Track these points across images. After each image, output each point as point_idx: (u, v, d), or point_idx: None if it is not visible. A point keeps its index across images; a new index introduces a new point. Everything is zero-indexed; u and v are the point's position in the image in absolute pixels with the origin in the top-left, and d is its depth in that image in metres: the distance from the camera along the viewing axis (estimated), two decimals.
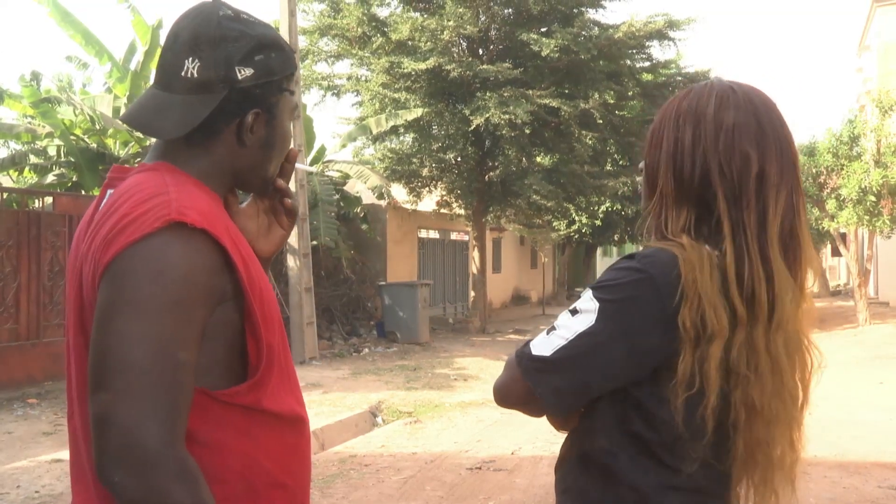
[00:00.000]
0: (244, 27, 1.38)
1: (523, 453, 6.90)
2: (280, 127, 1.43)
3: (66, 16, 13.64)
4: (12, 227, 9.35)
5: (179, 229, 1.23)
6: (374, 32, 16.60)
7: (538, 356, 1.35)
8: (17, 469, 6.09)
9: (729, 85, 1.40)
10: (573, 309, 1.35)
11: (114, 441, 1.16)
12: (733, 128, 1.34)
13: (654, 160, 1.42)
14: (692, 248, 1.30)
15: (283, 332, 1.42)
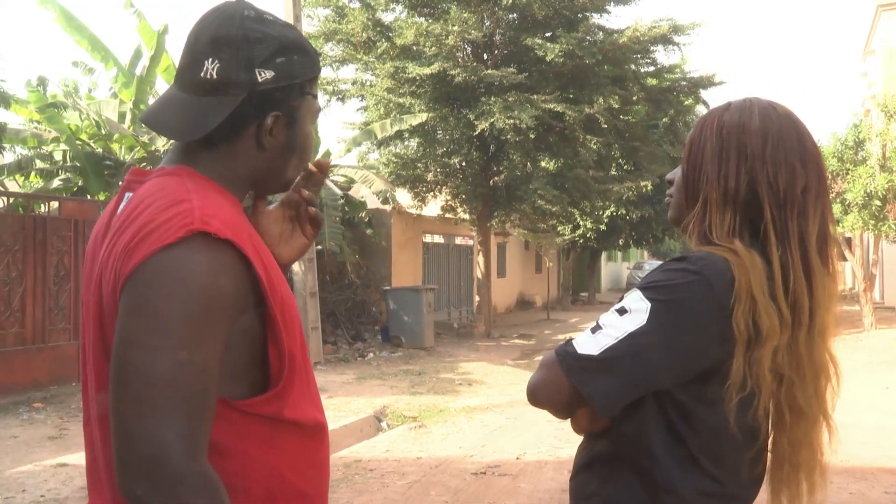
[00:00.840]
0: (267, 28, 1.35)
1: (528, 458, 6.89)
2: (301, 131, 1.40)
3: (72, 21, 13.69)
4: (18, 231, 9.38)
5: (203, 239, 1.21)
6: (378, 37, 16.62)
7: (585, 355, 1.34)
8: (23, 473, 6.10)
9: (768, 102, 1.48)
10: (620, 308, 1.35)
11: (137, 454, 1.14)
12: (779, 141, 1.42)
13: (695, 169, 1.47)
14: (745, 253, 1.36)
15: (304, 339, 1.39)
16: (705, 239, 1.43)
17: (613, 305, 1.38)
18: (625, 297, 1.38)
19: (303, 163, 1.45)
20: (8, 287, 9.21)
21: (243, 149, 1.36)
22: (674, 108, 19.23)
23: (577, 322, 22.34)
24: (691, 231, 1.45)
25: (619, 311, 1.35)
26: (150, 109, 1.40)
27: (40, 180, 14.19)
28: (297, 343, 1.34)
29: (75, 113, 13.84)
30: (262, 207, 1.51)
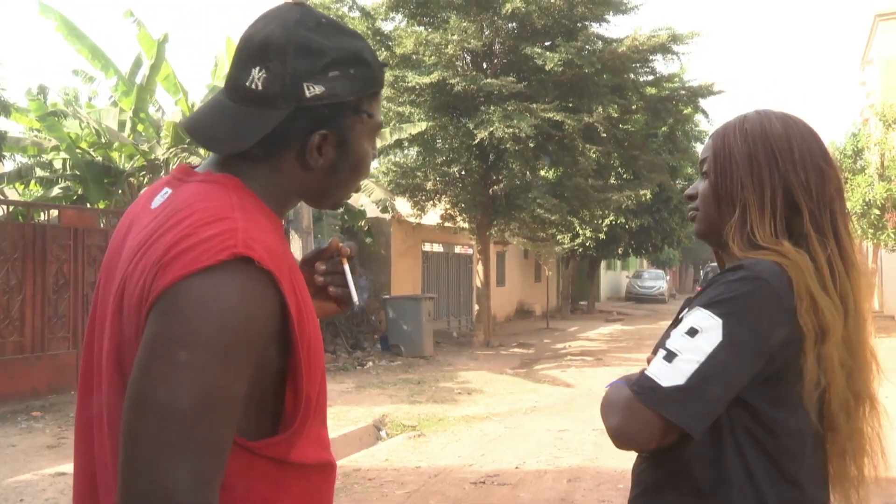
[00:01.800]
0: (323, 38, 1.24)
1: (527, 467, 6.88)
2: (354, 152, 1.29)
3: (72, 30, 13.73)
4: (18, 239, 9.38)
5: (243, 265, 1.11)
6: (378, 46, 16.65)
7: (672, 387, 1.33)
8: (21, 482, 6.09)
9: (781, 112, 1.55)
10: (689, 330, 1.35)
11: (146, 491, 1.05)
12: (803, 145, 1.49)
13: (727, 178, 1.50)
14: (795, 254, 1.41)
15: (324, 380, 1.31)
16: (750, 243, 1.45)
17: (677, 329, 1.38)
18: (687, 317, 1.38)
19: (356, 182, 1.35)
20: (7, 295, 9.20)
21: (289, 167, 1.26)
22: (673, 117, 19.25)
23: (576, 331, 22.32)
24: (732, 237, 1.47)
25: (690, 333, 1.35)
26: (192, 115, 1.31)
27: (40, 188, 14.21)
28: (317, 386, 1.25)
29: (75, 121, 13.87)
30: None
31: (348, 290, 1.40)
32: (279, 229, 1.27)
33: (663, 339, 1.43)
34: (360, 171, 1.33)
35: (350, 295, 1.40)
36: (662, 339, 1.44)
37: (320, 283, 1.41)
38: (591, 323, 25.30)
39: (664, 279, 41.08)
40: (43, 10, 13.51)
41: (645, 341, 18.17)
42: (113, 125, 13.81)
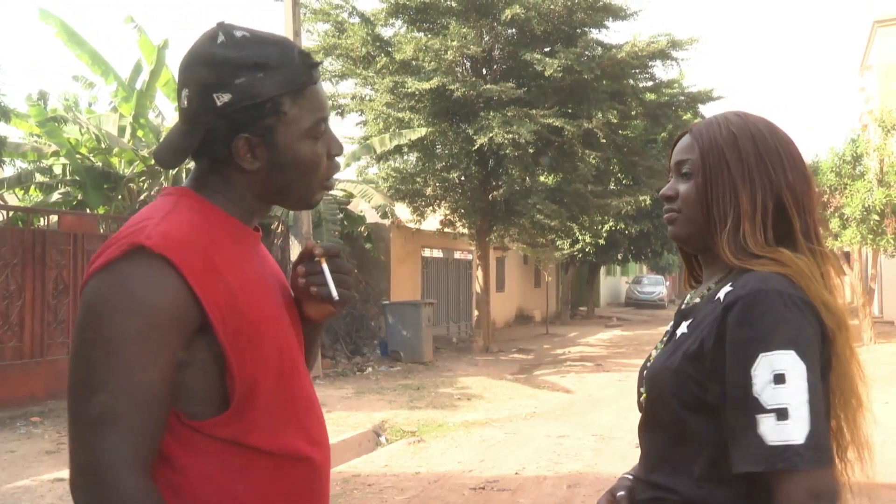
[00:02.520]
0: (231, 51, 1.32)
1: (527, 473, 6.87)
2: (285, 150, 1.35)
3: (72, 36, 13.75)
4: (17, 245, 9.38)
5: (142, 254, 1.23)
6: (378, 52, 16.68)
7: (807, 437, 1.25)
8: (19, 488, 6.08)
9: (760, 116, 1.53)
10: (776, 378, 1.27)
11: (81, 465, 1.21)
12: (789, 151, 1.48)
13: (718, 182, 1.46)
14: (794, 259, 1.39)
15: (292, 366, 1.38)
16: (743, 251, 1.42)
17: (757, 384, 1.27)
18: (760, 368, 1.28)
19: (309, 178, 1.40)
20: (6, 301, 9.20)
21: (233, 173, 1.37)
22: (672, 123, 19.26)
23: (575, 336, 22.31)
24: (726, 245, 1.43)
25: (779, 381, 1.26)
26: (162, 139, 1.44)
27: (40, 194, 14.21)
28: (270, 369, 1.32)
29: (75, 127, 13.88)
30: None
31: (326, 287, 1.43)
32: (233, 230, 1.37)
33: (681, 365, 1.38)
34: (303, 167, 1.38)
35: (328, 291, 1.43)
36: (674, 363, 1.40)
37: (302, 285, 1.45)
38: (591, 328, 25.29)
39: (664, 285, 41.08)
40: (43, 15, 13.54)
41: (644, 347, 18.16)
42: (113, 131, 13.83)
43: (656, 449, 1.47)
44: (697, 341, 1.38)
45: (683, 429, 1.40)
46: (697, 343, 1.38)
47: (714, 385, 1.35)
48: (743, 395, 1.28)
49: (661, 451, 1.45)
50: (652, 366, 1.50)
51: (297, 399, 1.39)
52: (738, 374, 1.30)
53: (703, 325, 1.40)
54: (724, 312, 1.34)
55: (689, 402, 1.38)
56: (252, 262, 1.39)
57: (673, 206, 1.53)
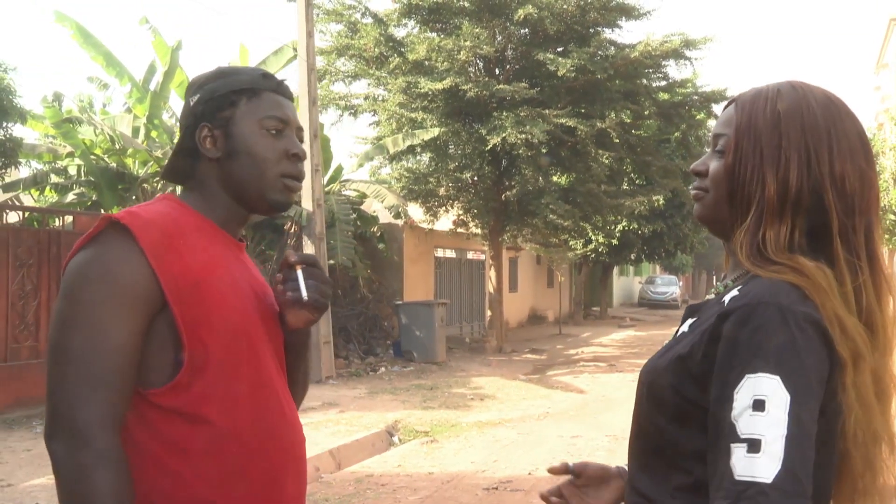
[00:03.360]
0: (207, 75, 1.61)
1: (540, 474, 6.86)
2: (241, 134, 1.54)
3: (88, 37, 13.82)
4: (33, 245, 9.44)
5: (111, 231, 1.41)
6: (390, 53, 16.69)
7: (777, 477, 1.08)
8: (36, 486, 6.12)
9: (824, 92, 1.32)
10: (755, 404, 1.12)
11: (55, 416, 1.34)
12: (847, 140, 1.27)
13: (746, 169, 1.28)
14: (815, 271, 1.20)
15: (252, 354, 1.49)
16: (759, 254, 1.25)
17: (736, 407, 1.13)
18: (739, 389, 1.13)
19: (263, 167, 1.54)
20: (22, 301, 9.26)
21: (203, 168, 1.56)
22: (685, 123, 19.20)
23: (589, 337, 22.27)
24: (741, 244, 1.27)
25: (757, 407, 1.11)
26: None
27: (55, 195, 14.30)
28: (222, 346, 1.43)
29: (90, 128, 13.94)
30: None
31: (298, 292, 1.54)
32: (206, 230, 1.52)
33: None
34: (257, 156, 1.54)
35: (299, 295, 1.54)
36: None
37: (279, 293, 1.56)
38: (604, 329, 25.24)
39: (677, 285, 40.92)
40: (59, 18, 13.61)
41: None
42: (127, 132, 13.89)
43: (638, 454, 1.37)
44: (689, 345, 1.26)
45: (661, 436, 1.29)
46: (688, 347, 1.26)
47: (693, 394, 1.23)
48: (721, 418, 1.15)
49: (641, 456, 1.35)
50: (646, 364, 1.38)
51: (252, 381, 1.48)
52: (720, 393, 1.16)
53: (700, 329, 1.27)
54: (718, 321, 1.20)
55: (665, 407, 1.28)
56: (224, 260, 1.52)
57: (702, 183, 1.36)
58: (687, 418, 1.24)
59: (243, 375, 1.47)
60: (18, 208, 11.24)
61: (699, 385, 1.22)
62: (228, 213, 1.57)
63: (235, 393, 1.45)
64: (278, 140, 1.56)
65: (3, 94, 9.26)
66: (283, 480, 1.50)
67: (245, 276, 1.56)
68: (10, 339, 9.07)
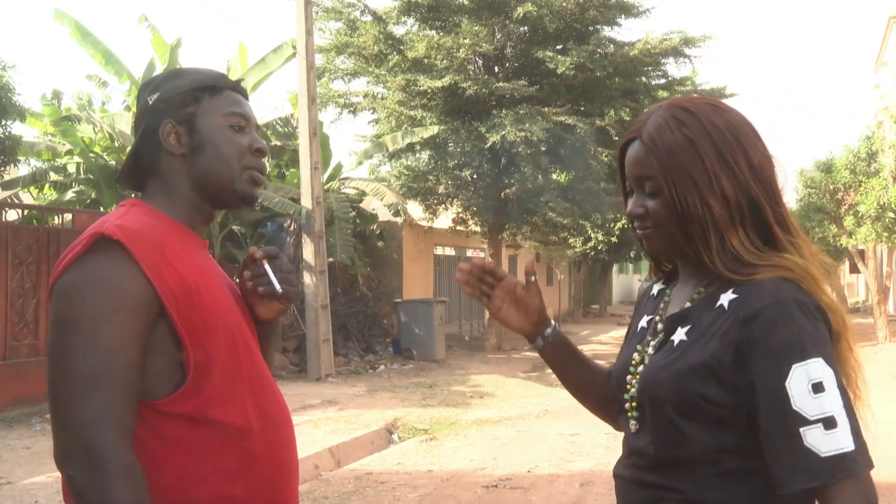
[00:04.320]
0: (164, 75, 1.62)
1: (539, 471, 6.87)
2: (206, 129, 1.55)
3: (86, 35, 13.80)
4: (32, 243, 9.45)
5: (102, 245, 1.39)
6: (390, 50, 16.69)
7: (857, 444, 1.23)
8: (35, 484, 6.13)
9: (704, 101, 1.44)
10: (815, 387, 1.23)
11: (68, 441, 1.32)
12: (749, 137, 1.39)
13: (688, 200, 1.37)
14: (799, 263, 1.34)
15: (247, 348, 1.51)
16: (736, 261, 1.35)
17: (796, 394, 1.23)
18: (795, 380, 1.24)
19: (228, 160, 1.55)
20: (21, 299, 9.26)
21: (166, 164, 1.55)
22: None
23: (588, 334, 22.28)
24: (719, 260, 1.36)
25: (817, 389, 1.23)
26: None
27: (54, 192, 14.30)
28: (223, 346, 1.45)
29: (89, 126, 13.93)
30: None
31: (271, 285, 1.58)
32: (178, 232, 1.51)
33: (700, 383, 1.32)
34: (222, 149, 1.55)
35: (273, 288, 1.58)
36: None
37: (249, 288, 1.60)
38: (603, 326, 25.25)
39: None
40: (58, 15, 13.60)
41: None
42: (126, 129, 13.87)
43: (652, 451, 1.41)
44: (707, 354, 1.33)
45: (681, 436, 1.35)
46: (708, 356, 1.32)
47: (728, 399, 1.31)
48: (781, 411, 1.24)
49: (657, 453, 1.40)
50: (648, 371, 1.43)
51: (251, 378, 1.51)
52: (773, 390, 1.25)
53: (710, 336, 1.34)
54: (743, 326, 1.29)
55: (690, 413, 1.33)
56: (200, 259, 1.53)
57: (645, 223, 1.45)
58: (711, 420, 1.33)
59: (244, 373, 1.49)
60: (17, 206, 11.24)
61: (727, 388, 1.31)
62: (194, 212, 1.57)
63: (241, 391, 1.47)
64: (242, 136, 1.58)
65: (3, 92, 9.25)
66: (291, 469, 1.54)
67: (219, 275, 1.58)
68: (9, 338, 9.08)
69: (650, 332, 1.51)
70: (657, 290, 1.61)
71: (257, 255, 1.60)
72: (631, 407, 1.47)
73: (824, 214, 17.52)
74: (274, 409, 1.54)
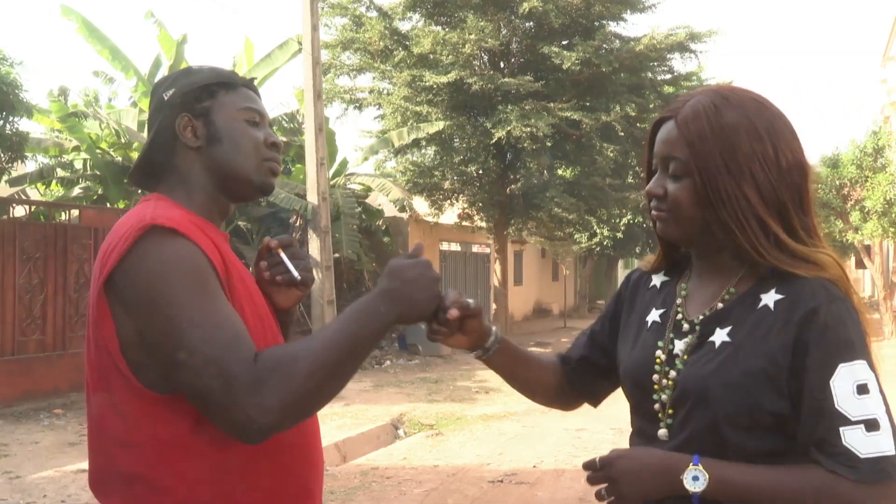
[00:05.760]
0: (178, 72, 1.63)
1: (545, 466, 6.88)
2: (222, 122, 1.56)
3: (93, 31, 13.83)
4: (39, 239, 9.48)
5: (156, 230, 1.37)
6: (395, 46, 16.69)
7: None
8: (44, 479, 6.16)
9: (749, 95, 1.40)
10: (858, 388, 1.25)
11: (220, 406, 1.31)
12: (782, 133, 1.36)
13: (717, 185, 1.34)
14: (840, 263, 1.35)
15: (274, 336, 1.53)
16: (781, 252, 1.33)
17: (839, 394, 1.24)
18: (840, 379, 1.24)
19: (245, 152, 1.57)
20: (29, 294, 9.31)
21: (184, 159, 1.56)
22: None
23: None
24: (761, 246, 1.33)
25: (861, 391, 1.24)
26: None
27: (61, 189, 14.35)
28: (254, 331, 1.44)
29: (96, 122, 13.98)
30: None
31: (289, 273, 1.60)
32: (199, 221, 1.50)
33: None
34: (238, 142, 1.57)
35: (291, 276, 1.60)
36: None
37: (268, 277, 1.61)
38: None
39: None
40: (65, 12, 13.63)
41: None
42: (132, 126, 13.91)
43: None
44: (762, 359, 1.29)
45: (723, 443, 1.31)
46: (764, 361, 1.29)
47: (784, 407, 1.28)
48: (824, 408, 1.24)
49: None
50: (691, 377, 1.36)
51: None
52: (817, 388, 1.25)
53: (758, 339, 1.31)
54: (798, 327, 1.27)
55: (742, 422, 1.30)
56: (230, 253, 1.53)
57: (662, 205, 1.41)
58: (764, 427, 1.30)
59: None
60: (25, 202, 11.29)
61: (783, 396, 1.28)
62: (212, 205, 1.57)
63: None
64: (257, 130, 1.60)
65: (10, 89, 9.28)
66: (317, 461, 1.58)
67: (243, 266, 1.59)
68: (17, 333, 9.12)
69: (672, 330, 1.43)
70: (660, 282, 1.54)
71: (272, 244, 1.62)
72: (665, 412, 1.39)
73: (830, 210, 17.47)
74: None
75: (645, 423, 1.44)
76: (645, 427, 1.44)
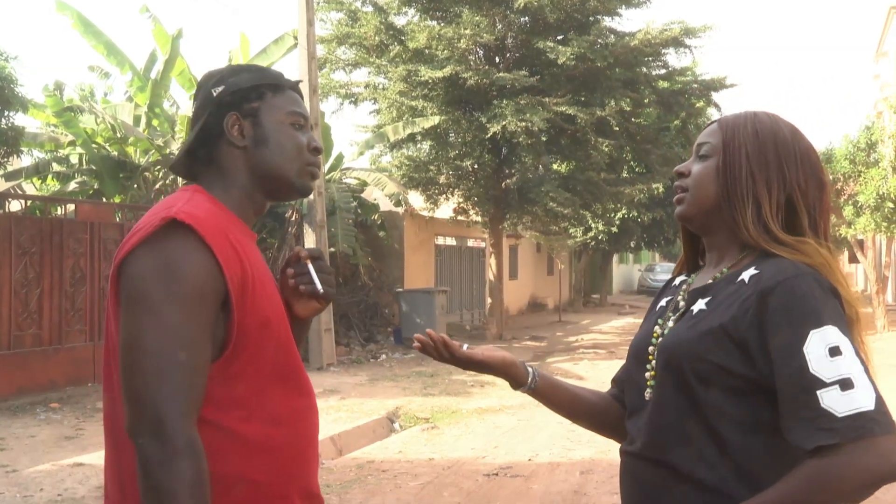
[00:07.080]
0: (226, 69, 1.66)
1: (540, 459, 6.93)
2: (270, 124, 1.60)
3: (88, 26, 13.82)
4: (35, 234, 9.50)
5: (176, 229, 1.42)
6: (391, 41, 16.68)
7: (877, 402, 1.27)
8: (40, 472, 6.19)
9: (789, 121, 1.55)
10: (831, 350, 1.28)
11: (137, 413, 1.37)
12: (808, 158, 1.51)
13: (735, 165, 1.50)
14: (821, 251, 1.43)
15: (288, 340, 1.56)
16: (767, 233, 1.45)
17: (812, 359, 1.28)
18: (812, 345, 1.29)
19: (290, 156, 1.61)
20: (25, 289, 9.32)
21: (227, 157, 1.59)
22: (685, 111, 19.21)
23: (588, 324, 22.33)
24: (750, 224, 1.46)
25: (834, 352, 1.28)
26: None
27: (57, 183, 14.34)
28: (270, 334, 1.50)
29: (91, 117, 13.96)
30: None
31: (313, 285, 1.64)
32: (231, 218, 1.55)
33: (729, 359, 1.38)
34: (284, 145, 1.61)
35: (315, 288, 1.64)
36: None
37: (292, 286, 1.66)
38: (604, 316, 25.30)
39: None
40: (60, 7, 13.61)
41: None
42: (128, 120, 13.91)
43: (660, 431, 1.45)
44: (724, 319, 1.39)
45: (697, 402, 1.40)
46: (726, 320, 1.39)
47: (747, 370, 1.36)
48: (798, 376, 1.28)
49: (666, 433, 1.44)
50: (667, 338, 1.49)
51: (292, 371, 1.57)
52: (789, 357, 1.29)
53: (727, 305, 1.41)
54: (761, 297, 1.35)
55: (708, 377, 1.38)
56: (251, 250, 1.56)
57: (682, 183, 1.57)
58: (724, 387, 1.38)
59: (282, 359, 1.55)
60: (20, 197, 11.30)
61: (740, 350, 1.36)
62: (248, 203, 1.61)
63: (279, 382, 1.54)
64: (301, 134, 1.64)
65: (5, 84, 9.28)
66: (313, 457, 1.64)
67: (266, 268, 1.62)
68: (13, 327, 9.13)
69: (671, 309, 1.57)
70: (679, 280, 1.67)
71: (302, 254, 1.66)
72: (651, 377, 1.51)
73: None
74: (305, 400, 1.61)
75: (636, 395, 1.55)
76: (635, 399, 1.55)
